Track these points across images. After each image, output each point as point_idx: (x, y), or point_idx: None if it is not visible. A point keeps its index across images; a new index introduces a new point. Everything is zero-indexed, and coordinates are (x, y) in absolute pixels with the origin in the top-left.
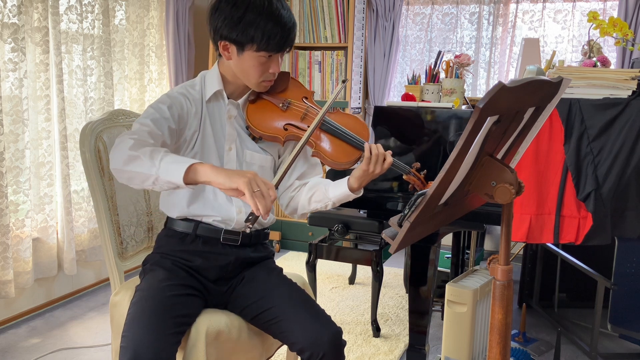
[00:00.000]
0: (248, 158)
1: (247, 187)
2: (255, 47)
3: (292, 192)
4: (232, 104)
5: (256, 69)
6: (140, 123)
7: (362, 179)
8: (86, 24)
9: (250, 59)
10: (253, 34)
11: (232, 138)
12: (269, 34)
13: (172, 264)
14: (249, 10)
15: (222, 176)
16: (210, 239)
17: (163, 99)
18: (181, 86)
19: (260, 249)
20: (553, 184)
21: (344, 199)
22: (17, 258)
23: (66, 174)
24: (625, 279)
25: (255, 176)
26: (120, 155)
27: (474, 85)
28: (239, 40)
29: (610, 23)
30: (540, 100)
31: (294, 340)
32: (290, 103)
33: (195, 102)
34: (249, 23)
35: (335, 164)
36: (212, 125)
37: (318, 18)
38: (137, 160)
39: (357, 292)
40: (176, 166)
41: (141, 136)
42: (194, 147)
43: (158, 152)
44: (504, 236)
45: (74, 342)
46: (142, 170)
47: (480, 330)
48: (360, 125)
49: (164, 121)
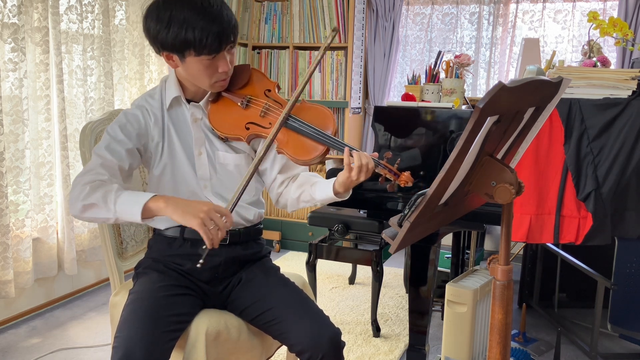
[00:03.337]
0: (221, 159)
1: (201, 228)
2: (193, 52)
3: (278, 187)
4: (194, 107)
5: (203, 73)
6: (96, 154)
7: (347, 184)
8: (86, 24)
9: (194, 63)
10: (185, 37)
11: (200, 142)
12: (201, 34)
13: (164, 267)
14: (175, 9)
15: (177, 215)
16: (198, 241)
17: (119, 118)
18: (141, 97)
19: (252, 245)
20: (553, 184)
21: (331, 201)
22: (17, 258)
23: (66, 174)
24: (625, 279)
25: (210, 211)
26: (77, 204)
27: (474, 85)
28: (176, 47)
29: (610, 23)
30: (540, 100)
31: (294, 341)
32: (250, 100)
33: (154, 113)
34: (179, 25)
35: (301, 162)
36: (178, 132)
37: (318, 18)
38: (93, 207)
39: (357, 292)
40: (131, 208)
41: (95, 174)
42: (162, 158)
43: (110, 194)
44: (504, 236)
45: (74, 342)
46: (99, 216)
47: (480, 330)
48: (323, 116)
49: (119, 145)
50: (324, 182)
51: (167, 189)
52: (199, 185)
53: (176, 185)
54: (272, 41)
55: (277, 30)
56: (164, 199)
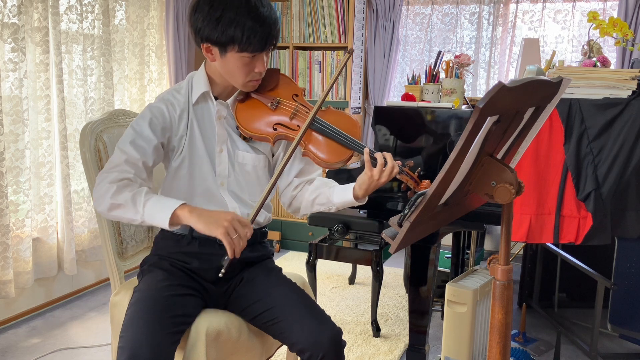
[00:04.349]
0: (240, 159)
1: (225, 238)
2: (237, 47)
3: (293, 190)
4: (221, 104)
5: (241, 70)
6: (120, 149)
7: (368, 187)
8: (86, 24)
9: (234, 60)
10: (233, 34)
11: (222, 139)
12: (249, 33)
13: (170, 265)
14: (227, 9)
15: (201, 224)
16: (207, 240)
17: (144, 113)
18: (167, 91)
19: (258, 248)
20: (553, 184)
21: (348, 205)
22: (17, 258)
23: (66, 174)
24: (625, 279)
25: (233, 220)
26: (104, 202)
27: (474, 85)
28: (220, 42)
29: (610, 23)
30: (540, 100)
31: (294, 340)
32: (279, 102)
33: (180, 107)
34: (228, 22)
35: (327, 164)
36: (201, 127)
37: (318, 18)
38: (121, 207)
39: (357, 292)
40: (160, 213)
41: (121, 172)
42: (182, 152)
43: (139, 196)
44: (504, 236)
45: (74, 342)
46: (126, 216)
47: (480, 330)
48: (351, 123)
49: (145, 141)
50: (342, 186)
51: (183, 182)
52: (216, 182)
53: (192, 180)
54: None
55: None
56: (188, 208)
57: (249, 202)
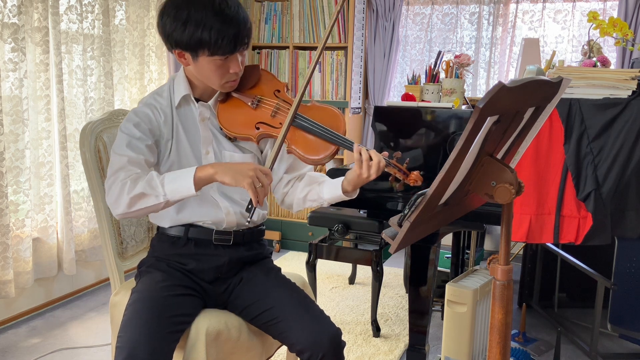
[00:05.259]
0: (227, 159)
1: (250, 188)
2: (207, 52)
3: (284, 187)
4: (203, 106)
5: (215, 73)
6: (118, 154)
7: (356, 182)
8: (86, 24)
9: (206, 63)
10: (200, 37)
11: (208, 141)
12: (217, 35)
13: (167, 266)
14: (193, 10)
15: (228, 177)
16: (202, 241)
17: (130, 117)
18: (149, 96)
19: (254, 247)
20: (553, 184)
21: (339, 200)
22: (17, 258)
23: (66, 174)
24: (625, 279)
25: (256, 170)
26: (122, 202)
27: (474, 85)
28: (190, 46)
29: (610, 23)
30: (540, 100)
31: (294, 341)
32: (260, 100)
33: (163, 111)
34: (195, 25)
35: (312, 161)
36: (186, 130)
37: (318, 18)
38: (141, 198)
39: (357, 292)
40: (182, 184)
41: (128, 170)
42: (170, 156)
43: (153, 180)
44: (504, 236)
45: (74, 342)
46: (149, 204)
47: (480, 330)
48: (334, 117)
49: (139, 142)
50: (332, 181)
51: None
52: None
53: None
54: (272, 41)
55: (277, 30)
56: (210, 166)
57: (240, 201)
